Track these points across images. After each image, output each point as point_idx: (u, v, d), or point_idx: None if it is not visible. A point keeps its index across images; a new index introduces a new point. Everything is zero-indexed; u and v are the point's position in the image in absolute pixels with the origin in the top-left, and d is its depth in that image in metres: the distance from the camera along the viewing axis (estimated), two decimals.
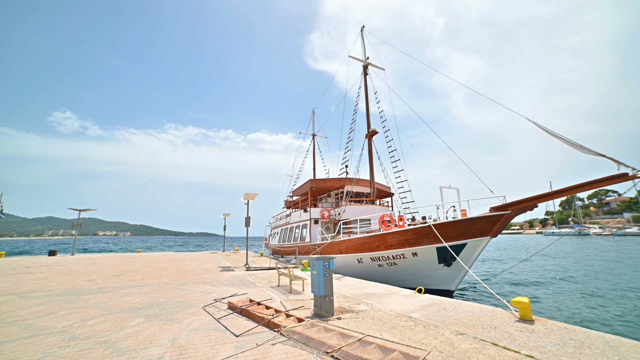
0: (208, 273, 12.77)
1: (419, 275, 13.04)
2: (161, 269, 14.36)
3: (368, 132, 20.70)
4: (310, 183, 19.72)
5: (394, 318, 5.97)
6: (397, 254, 12.89)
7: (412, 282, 13.29)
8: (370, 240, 13.39)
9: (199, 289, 8.90)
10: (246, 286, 9.61)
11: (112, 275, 11.59)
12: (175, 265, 16.24)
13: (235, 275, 12.14)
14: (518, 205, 10.28)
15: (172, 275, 11.84)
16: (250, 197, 17.03)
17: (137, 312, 6.15)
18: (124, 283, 9.90)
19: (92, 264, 16.24)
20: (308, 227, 18.76)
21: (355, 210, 18.28)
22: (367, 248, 13.75)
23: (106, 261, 18.28)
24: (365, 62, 22.32)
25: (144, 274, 12.06)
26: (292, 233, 22.21)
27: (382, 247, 13.16)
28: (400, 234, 12.43)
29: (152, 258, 21.18)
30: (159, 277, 11.44)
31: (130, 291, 8.45)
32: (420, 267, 12.77)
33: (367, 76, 22.26)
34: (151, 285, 9.44)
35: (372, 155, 20.45)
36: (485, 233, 11.40)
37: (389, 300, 7.75)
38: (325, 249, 16.13)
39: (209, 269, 14.59)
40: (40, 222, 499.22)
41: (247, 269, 14.37)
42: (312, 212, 18.97)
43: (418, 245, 12.27)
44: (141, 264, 16.80)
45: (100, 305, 6.59)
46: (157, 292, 8.40)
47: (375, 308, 6.84)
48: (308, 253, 17.73)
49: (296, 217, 21.28)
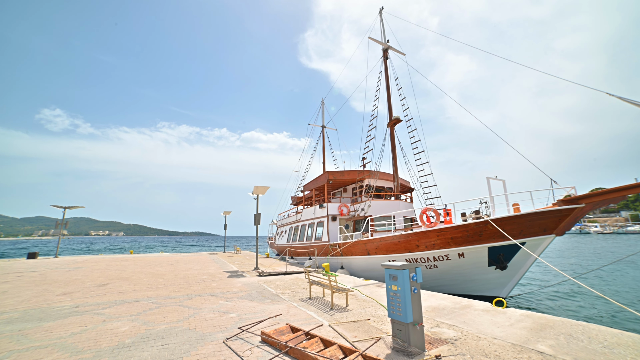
0: (215, 280, 10.53)
1: (462, 279, 11.12)
2: (157, 274, 12.05)
3: (390, 120, 18.63)
4: (326, 175, 17.55)
5: (511, 352, 3.90)
6: (440, 255, 10.93)
7: (453, 287, 11.39)
8: (408, 239, 11.33)
9: (210, 306, 6.68)
10: (270, 300, 7.42)
11: (96, 285, 9.24)
12: (173, 269, 13.93)
13: (249, 283, 9.93)
14: (600, 197, 8.28)
15: (171, 284, 9.57)
16: (261, 191, 14.79)
17: (125, 355, 3.93)
18: (109, 297, 7.60)
19: (75, 269, 13.82)
20: (325, 224, 16.59)
21: (380, 206, 16.21)
22: (403, 248, 11.70)
23: (92, 265, 15.83)
24: (385, 45, 20.26)
25: (136, 283, 9.74)
26: (303, 231, 20.02)
27: (423, 247, 11.14)
28: (447, 232, 10.41)
29: (146, 261, 18.76)
30: (155, 286, 9.17)
31: (116, 311, 6.18)
32: (466, 270, 10.84)
33: (387, 60, 20.21)
34: (145, 301, 7.17)
35: (395, 145, 18.40)
36: (549, 230, 9.48)
37: (472, 318, 5.67)
38: (348, 249, 14.01)
39: (214, 274, 12.34)
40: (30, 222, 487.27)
41: (260, 275, 12.14)
42: (329, 207, 16.81)
43: (467, 245, 10.31)
44: (133, 268, 14.43)
45: (66, 343, 4.29)
46: (153, 312, 6.15)
47: (469, 333, 4.76)
48: (326, 254, 15.58)
49: (309, 213, 19.08)
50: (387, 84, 19.67)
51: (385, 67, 20.05)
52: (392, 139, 18.55)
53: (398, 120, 18.26)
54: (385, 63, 20.19)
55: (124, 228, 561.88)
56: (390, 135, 18.64)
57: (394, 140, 18.48)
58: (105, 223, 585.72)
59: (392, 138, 18.57)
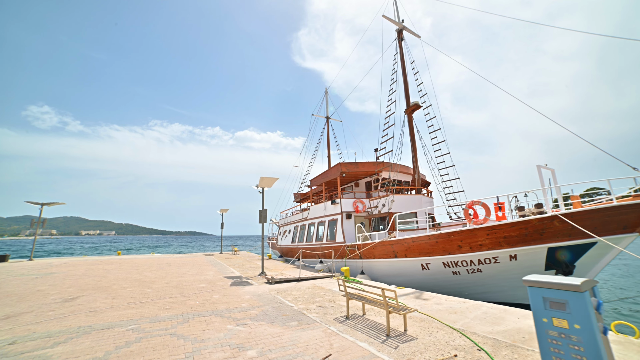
0: (216, 290, 8.49)
1: (510, 285, 9.39)
2: (145, 282, 9.94)
3: (408, 107, 16.80)
4: (339, 167, 15.59)
5: None
6: (487, 257, 9.18)
7: (497, 294, 9.68)
8: (449, 238, 9.51)
9: (216, 335, 4.68)
10: (296, 321, 5.45)
11: (61, 300, 7.10)
12: (165, 275, 11.82)
13: (259, 294, 7.93)
14: None
15: (161, 297, 7.51)
16: (267, 184, 12.77)
17: None
18: (71, 321, 5.51)
19: (45, 276, 11.58)
20: (339, 223, 14.64)
21: (401, 202, 14.36)
22: (441, 250, 9.88)
23: (69, 270, 13.57)
24: (400, 25, 18.43)
25: (116, 296, 7.64)
26: (310, 231, 18.05)
27: (466, 248, 9.35)
28: (501, 230, 8.64)
29: (133, 264, 16.53)
30: (140, 300, 7.11)
31: (72, 350, 4.11)
32: (516, 275, 9.11)
33: (402, 42, 18.40)
34: (122, 327, 5.12)
35: (414, 135, 16.57)
36: (630, 228, 7.74)
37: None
38: (370, 251, 12.11)
39: (214, 281, 10.29)
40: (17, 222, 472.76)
41: (269, 282, 10.13)
42: (343, 204, 14.87)
43: (523, 245, 8.57)
44: (117, 274, 12.25)
45: None
46: (131, 351, 4.12)
47: None
48: (341, 256, 13.65)
49: (318, 210, 17.11)
50: (402, 67, 17.86)
51: (400, 48, 18.22)
52: (411, 127, 16.72)
53: (417, 106, 16.45)
54: (400, 45, 18.38)
55: (115, 227, 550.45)
56: (409, 123, 16.81)
57: (412, 129, 16.66)
58: (96, 222, 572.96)
59: (411, 126, 16.74)
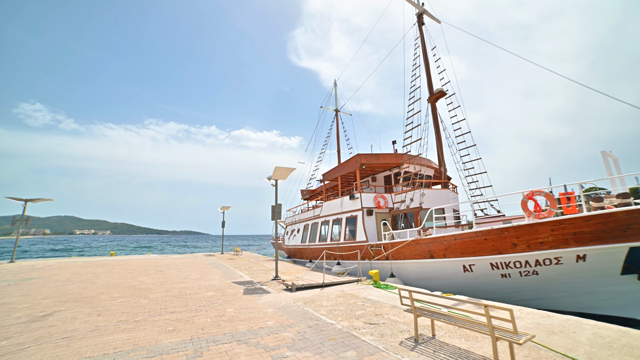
0: (228, 300, 6.92)
1: (573, 291, 7.98)
2: (140, 290, 8.32)
3: (431, 95, 15.37)
4: (358, 159, 14.06)
5: None
6: (548, 258, 7.76)
7: (551, 302, 8.32)
8: (502, 235, 8.07)
9: None
10: (353, 350, 3.92)
11: (28, 320, 5.46)
12: (164, 280, 10.20)
13: (284, 308, 6.37)
14: None
15: (160, 312, 5.93)
16: (282, 175, 11.20)
17: None
18: (31, 356, 3.94)
19: (21, 282, 9.89)
20: (359, 220, 13.12)
21: (430, 196, 12.92)
22: (490, 248, 8.44)
23: (52, 274, 11.87)
24: (421, 8, 17.01)
25: (102, 311, 6.02)
26: (324, 229, 16.51)
27: (523, 247, 7.93)
28: (571, 225, 7.21)
29: (127, 267, 14.84)
30: (133, 317, 5.53)
31: None
32: (584, 280, 7.73)
33: (422, 26, 16.99)
34: None
35: (439, 124, 15.14)
36: None
37: None
38: (399, 251, 10.62)
39: (223, 287, 8.71)
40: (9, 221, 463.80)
41: (289, 289, 8.57)
42: (363, 199, 13.36)
43: (597, 244, 7.13)
44: (107, 279, 10.60)
45: None
46: None
47: None
48: (365, 257, 12.15)
49: (333, 207, 15.56)
50: (424, 52, 16.47)
51: (421, 33, 16.82)
52: (435, 116, 15.29)
53: (442, 93, 15.01)
54: (421, 29, 16.97)
55: (110, 227, 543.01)
56: (432, 112, 15.37)
57: (437, 119, 15.23)
58: (90, 222, 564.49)
59: (435, 116, 15.31)
